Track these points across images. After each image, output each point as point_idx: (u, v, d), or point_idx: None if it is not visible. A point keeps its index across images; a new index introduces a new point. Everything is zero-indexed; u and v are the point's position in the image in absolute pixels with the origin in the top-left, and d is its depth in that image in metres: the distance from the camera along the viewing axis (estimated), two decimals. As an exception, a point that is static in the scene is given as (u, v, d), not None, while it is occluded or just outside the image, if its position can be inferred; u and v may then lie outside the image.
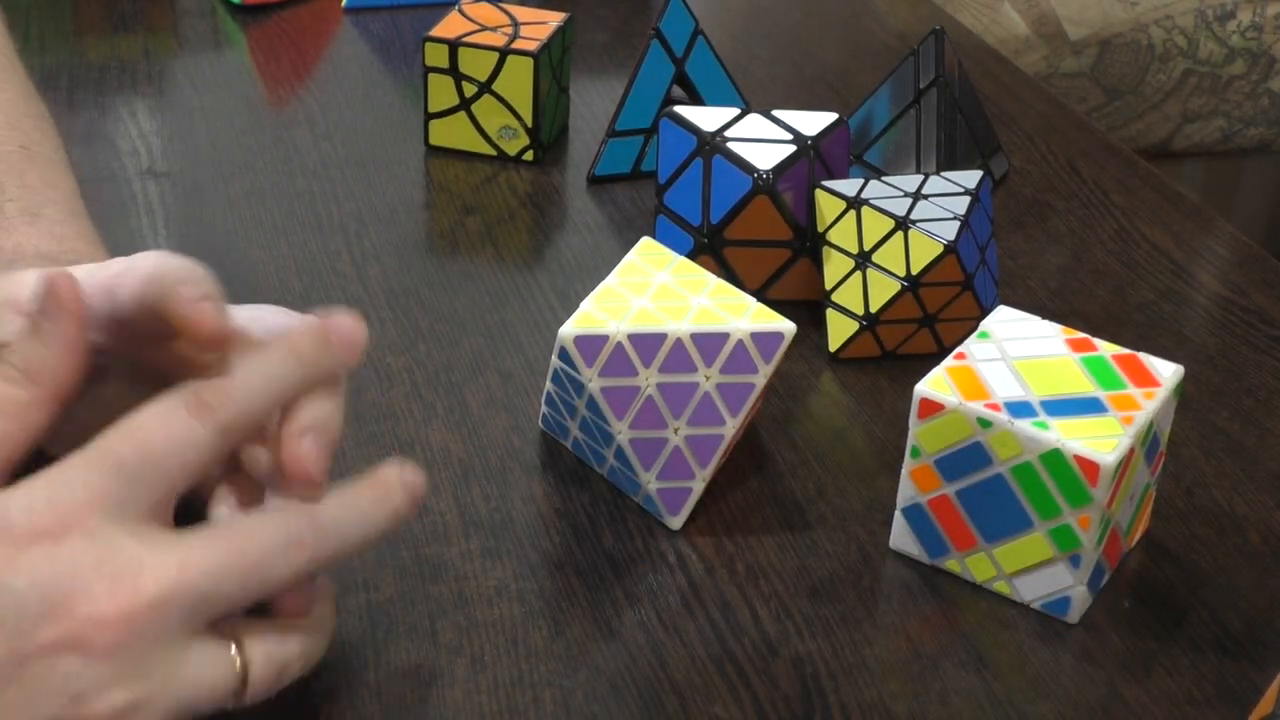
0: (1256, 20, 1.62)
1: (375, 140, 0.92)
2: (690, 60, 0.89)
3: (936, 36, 0.87)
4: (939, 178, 0.74)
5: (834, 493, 0.65)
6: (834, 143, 0.76)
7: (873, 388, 0.72)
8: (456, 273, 0.80)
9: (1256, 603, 0.61)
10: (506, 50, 0.87)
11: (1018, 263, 0.83)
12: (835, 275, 0.74)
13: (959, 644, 0.58)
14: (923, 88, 0.86)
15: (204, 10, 1.07)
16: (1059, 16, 1.59)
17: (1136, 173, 0.93)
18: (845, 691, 0.56)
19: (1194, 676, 0.57)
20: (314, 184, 0.86)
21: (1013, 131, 0.97)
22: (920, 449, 0.59)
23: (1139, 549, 0.63)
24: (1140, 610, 0.60)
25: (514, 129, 0.89)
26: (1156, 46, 1.61)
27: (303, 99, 0.96)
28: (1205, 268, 0.85)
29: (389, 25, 1.06)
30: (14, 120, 0.68)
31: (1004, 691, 0.56)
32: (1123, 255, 0.84)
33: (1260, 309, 0.80)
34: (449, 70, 0.88)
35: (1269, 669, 0.57)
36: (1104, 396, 0.59)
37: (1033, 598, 0.59)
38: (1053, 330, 0.62)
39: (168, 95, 0.96)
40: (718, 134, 0.75)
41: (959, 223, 0.71)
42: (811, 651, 0.57)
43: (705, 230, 0.76)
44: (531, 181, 0.88)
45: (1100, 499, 0.56)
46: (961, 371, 0.59)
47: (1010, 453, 0.57)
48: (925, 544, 0.61)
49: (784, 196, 0.74)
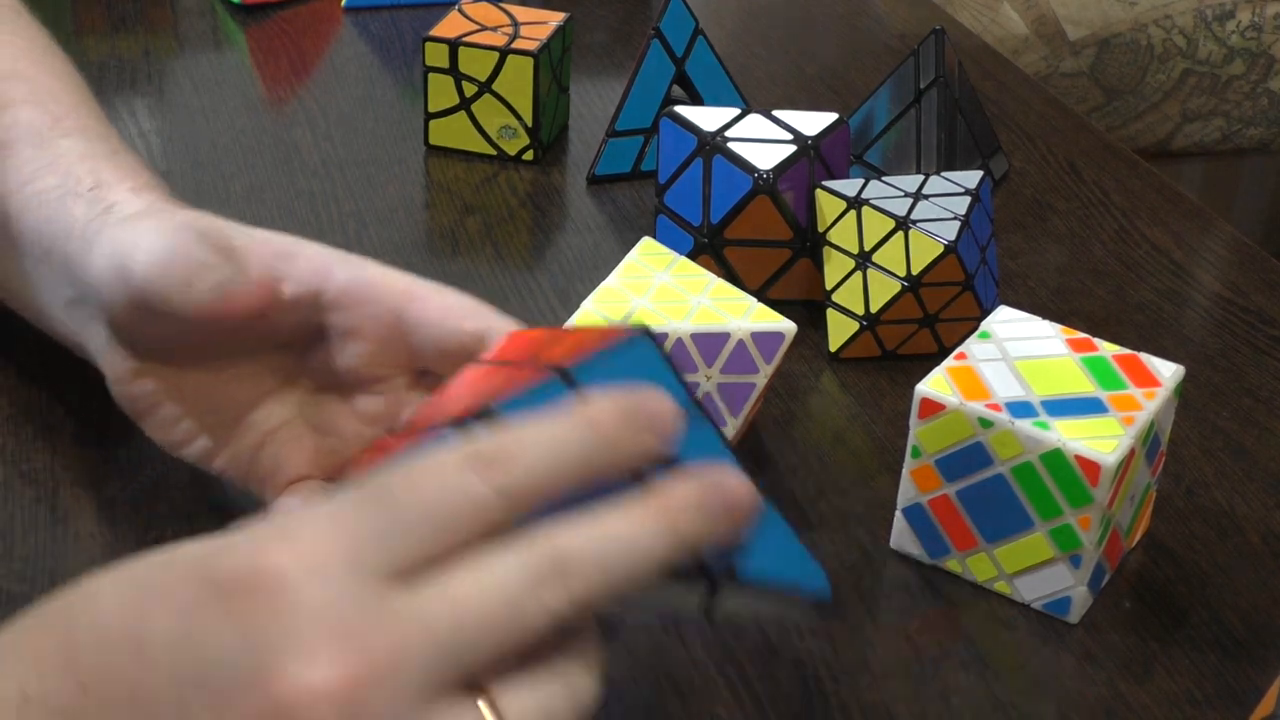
0: (1256, 20, 1.62)
1: (375, 140, 0.92)
2: (690, 60, 0.89)
3: (936, 36, 0.87)
4: (939, 178, 0.74)
5: (834, 493, 0.65)
6: (834, 143, 0.76)
7: (873, 388, 0.72)
8: (456, 273, 0.80)
9: (1256, 603, 0.61)
10: (506, 50, 0.87)
11: (1018, 263, 0.83)
12: (835, 275, 0.74)
13: (959, 644, 0.58)
14: (923, 88, 0.86)
15: (204, 10, 1.07)
16: (1058, 16, 1.59)
17: (1136, 173, 0.93)
18: (846, 692, 0.56)
19: (1194, 676, 0.57)
20: (314, 184, 0.86)
21: (1013, 131, 0.97)
22: (921, 449, 0.59)
23: (1139, 549, 0.63)
24: (1140, 610, 0.60)
25: (514, 129, 0.89)
26: (1156, 46, 1.61)
27: (303, 99, 0.96)
28: (1205, 268, 0.85)
29: (389, 25, 1.06)
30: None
31: (1004, 691, 0.56)
32: (1123, 255, 0.84)
33: (1260, 309, 0.80)
34: (449, 70, 0.88)
35: (1269, 669, 0.57)
36: (1104, 397, 0.59)
37: (1033, 598, 0.59)
38: (1053, 330, 0.62)
39: (168, 95, 0.96)
40: (718, 134, 0.75)
41: (959, 223, 0.71)
42: (812, 652, 0.57)
43: (705, 230, 0.76)
44: (531, 181, 0.88)
45: (1101, 499, 0.56)
46: (962, 371, 0.59)
47: (1011, 453, 0.57)
48: (926, 544, 0.61)
49: (784, 196, 0.74)
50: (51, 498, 0.62)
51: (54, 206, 0.58)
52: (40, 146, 0.61)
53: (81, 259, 0.56)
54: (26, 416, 0.65)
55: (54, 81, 0.65)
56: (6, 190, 0.60)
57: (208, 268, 0.53)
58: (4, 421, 0.65)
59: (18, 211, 0.60)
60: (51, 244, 0.58)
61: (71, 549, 0.59)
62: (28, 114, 0.62)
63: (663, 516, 0.41)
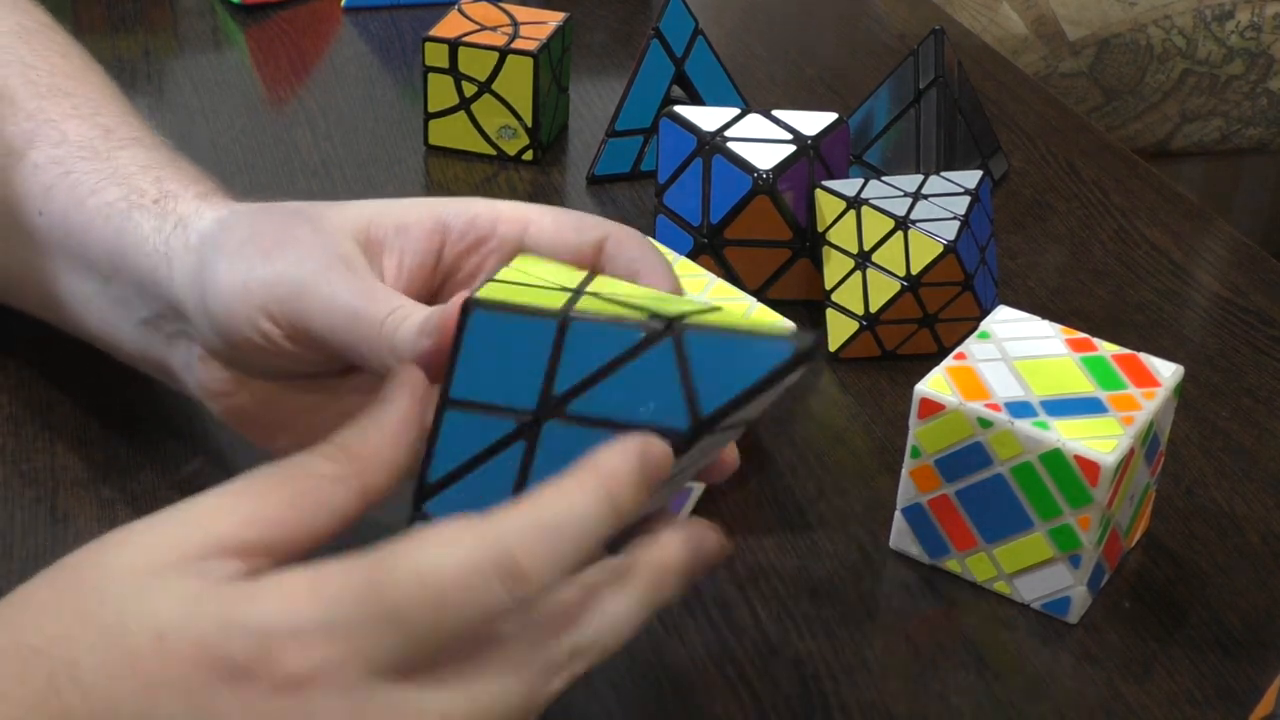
0: (1255, 20, 1.62)
1: (375, 140, 0.92)
2: (690, 60, 0.89)
3: (936, 36, 0.87)
4: (939, 178, 0.74)
5: (834, 493, 0.65)
6: (834, 143, 0.76)
7: (873, 388, 0.72)
8: (456, 273, 0.80)
9: (1256, 603, 0.61)
10: (506, 50, 0.87)
11: (1018, 263, 0.83)
12: (835, 275, 0.74)
13: (959, 644, 0.58)
14: (923, 88, 0.86)
15: (204, 10, 1.07)
16: (1058, 16, 1.59)
17: (1136, 173, 0.93)
18: (845, 691, 0.56)
19: (1194, 676, 0.57)
20: (314, 184, 0.86)
21: (1012, 131, 0.97)
22: (920, 449, 0.59)
23: (1139, 549, 0.63)
24: (1140, 610, 0.60)
25: (514, 129, 0.89)
26: (1155, 47, 1.61)
27: (303, 99, 0.96)
28: (1205, 268, 0.85)
29: (389, 25, 1.06)
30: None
31: (1004, 691, 0.56)
32: (1123, 255, 0.84)
33: (1260, 309, 0.80)
34: (449, 70, 0.88)
35: (1269, 669, 0.57)
36: (1104, 396, 0.59)
37: (1033, 598, 0.59)
38: (1053, 330, 0.62)
39: (168, 95, 0.96)
40: (718, 134, 0.75)
41: (959, 222, 0.71)
42: (811, 651, 0.57)
43: (705, 230, 0.76)
44: (531, 181, 0.88)
45: (1100, 499, 0.56)
46: (961, 371, 0.59)
47: (1010, 453, 0.57)
48: (925, 544, 0.61)
49: (784, 196, 0.74)
50: (51, 498, 0.62)
51: (120, 220, 0.57)
52: (97, 159, 0.59)
53: (161, 277, 0.55)
54: (26, 416, 0.65)
55: (97, 94, 0.64)
56: (66, 207, 0.59)
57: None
58: (4, 421, 0.65)
59: (81, 227, 0.58)
60: (121, 260, 0.57)
61: (71, 549, 0.59)
62: (76, 128, 0.61)
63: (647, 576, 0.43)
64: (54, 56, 0.65)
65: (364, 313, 0.49)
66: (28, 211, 0.60)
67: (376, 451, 0.44)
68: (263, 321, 0.51)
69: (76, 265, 0.59)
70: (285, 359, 0.52)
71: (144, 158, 0.60)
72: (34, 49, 0.65)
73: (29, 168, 0.60)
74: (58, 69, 0.65)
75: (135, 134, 0.62)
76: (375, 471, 0.44)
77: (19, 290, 0.64)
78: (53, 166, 0.60)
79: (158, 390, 0.65)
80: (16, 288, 0.64)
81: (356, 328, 0.49)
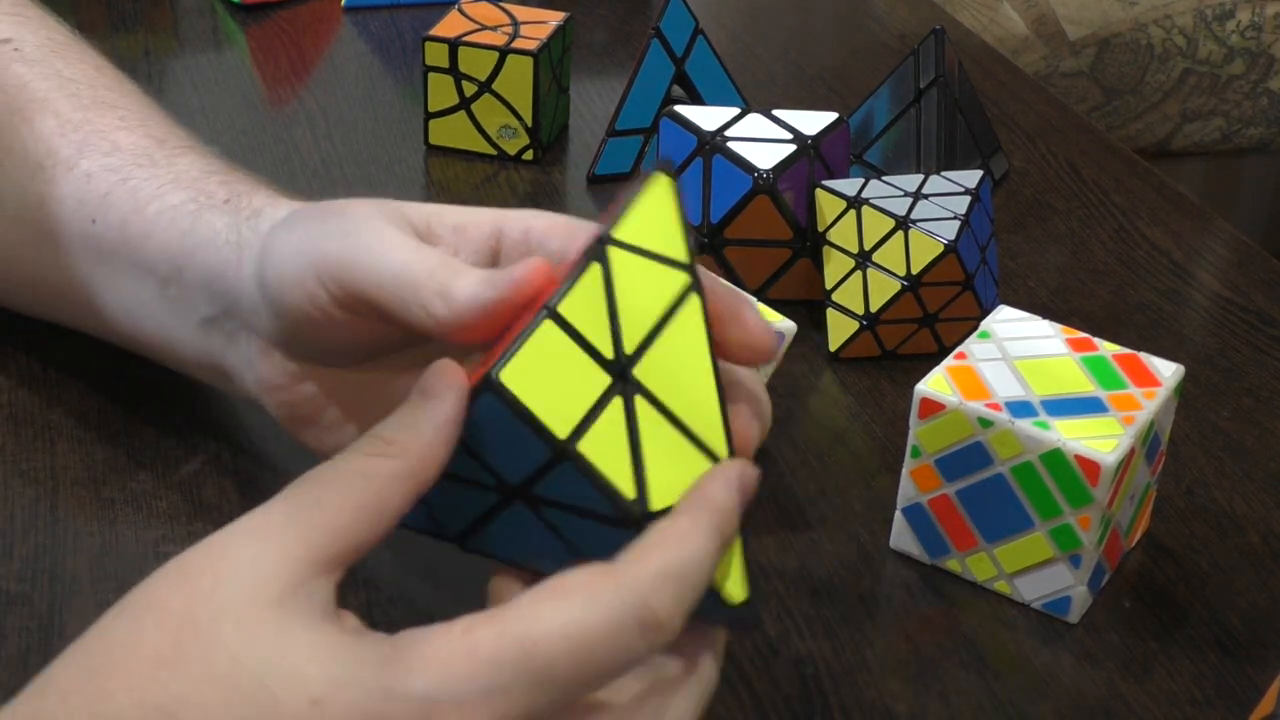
0: (1256, 20, 1.62)
1: (375, 140, 0.92)
2: (690, 60, 0.89)
3: (936, 36, 0.87)
4: (939, 177, 0.74)
5: (834, 493, 0.65)
6: (834, 142, 0.76)
7: (873, 388, 0.72)
8: (456, 272, 0.80)
9: (1256, 603, 0.61)
10: (506, 50, 0.87)
11: (1018, 263, 0.83)
12: (835, 275, 0.74)
13: (959, 644, 0.58)
14: (923, 88, 0.86)
15: (204, 10, 1.07)
16: (1058, 16, 1.59)
17: (1136, 173, 0.93)
18: (845, 691, 0.56)
19: (1194, 676, 0.57)
20: (314, 184, 0.86)
21: (1013, 131, 0.97)
22: (920, 449, 0.59)
23: (1139, 549, 0.63)
24: (1140, 610, 0.60)
25: (514, 128, 0.89)
26: (1155, 46, 1.61)
27: (303, 99, 0.96)
28: (1205, 268, 0.85)
29: (389, 25, 1.06)
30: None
31: (1004, 691, 0.56)
32: (1123, 255, 0.84)
33: (1260, 309, 0.80)
34: (449, 70, 0.88)
35: (1269, 669, 0.57)
36: (1104, 396, 0.59)
37: (1033, 597, 0.59)
38: (1053, 330, 0.62)
39: (168, 95, 0.96)
40: (718, 133, 0.75)
41: (959, 222, 0.71)
42: (812, 651, 0.57)
43: (705, 230, 0.76)
44: (531, 181, 0.88)
45: (1101, 499, 0.56)
46: (962, 371, 0.59)
47: (1011, 452, 0.57)
48: (925, 544, 0.61)
49: (784, 196, 0.74)
50: (51, 498, 0.62)
51: (189, 221, 0.57)
52: (154, 166, 0.59)
53: (230, 270, 0.55)
54: (26, 416, 0.65)
55: (138, 106, 0.64)
56: (125, 213, 0.58)
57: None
58: (4, 421, 0.65)
59: (142, 234, 0.58)
60: (187, 260, 0.56)
61: (71, 549, 0.59)
62: (127, 138, 0.61)
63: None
64: (89, 70, 0.65)
65: (412, 263, 0.48)
66: (77, 220, 0.60)
67: (430, 448, 0.44)
68: (311, 283, 0.50)
69: (134, 271, 0.59)
70: (338, 331, 0.52)
71: (203, 164, 0.60)
72: (69, 62, 0.65)
73: (80, 177, 0.60)
74: (96, 82, 0.65)
75: (187, 143, 0.62)
76: (427, 468, 0.44)
77: (56, 302, 0.64)
78: (108, 175, 0.59)
79: (158, 391, 0.65)
80: (54, 299, 0.63)
81: (405, 276, 0.48)
